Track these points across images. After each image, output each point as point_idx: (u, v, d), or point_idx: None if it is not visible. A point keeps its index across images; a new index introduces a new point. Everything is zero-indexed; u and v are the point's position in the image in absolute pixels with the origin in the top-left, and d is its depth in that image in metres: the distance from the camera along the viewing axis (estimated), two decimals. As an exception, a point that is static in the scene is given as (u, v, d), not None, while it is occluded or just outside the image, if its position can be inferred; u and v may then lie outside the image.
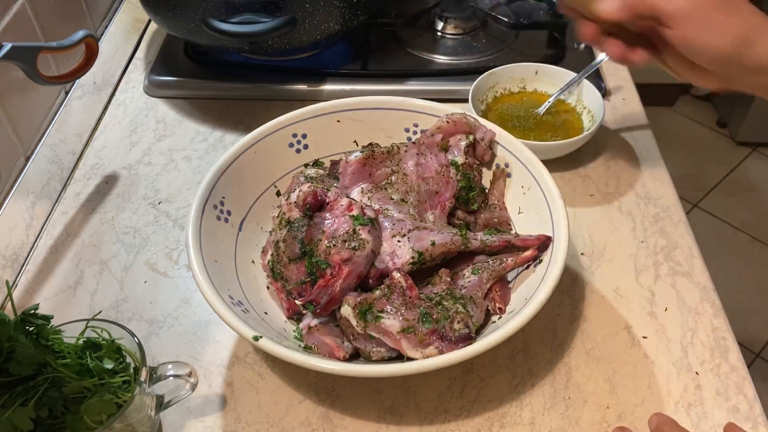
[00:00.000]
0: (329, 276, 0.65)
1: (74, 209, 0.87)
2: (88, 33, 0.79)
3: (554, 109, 0.94)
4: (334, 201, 0.70)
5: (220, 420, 0.66)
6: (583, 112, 0.93)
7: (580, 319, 0.74)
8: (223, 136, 0.97)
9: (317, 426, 0.66)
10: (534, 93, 0.96)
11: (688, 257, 0.79)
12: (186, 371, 0.61)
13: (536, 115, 0.92)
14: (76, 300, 0.77)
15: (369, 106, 0.81)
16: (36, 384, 0.54)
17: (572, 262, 0.79)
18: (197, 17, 0.89)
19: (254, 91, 1.02)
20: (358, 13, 0.95)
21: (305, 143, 0.80)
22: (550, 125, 0.91)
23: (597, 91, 0.91)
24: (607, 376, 0.69)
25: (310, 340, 0.66)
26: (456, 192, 0.76)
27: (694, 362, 0.70)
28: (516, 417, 0.66)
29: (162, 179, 0.91)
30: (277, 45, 0.93)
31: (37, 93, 0.87)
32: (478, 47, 1.08)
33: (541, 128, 0.91)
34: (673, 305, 0.75)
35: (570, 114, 0.93)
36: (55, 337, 0.57)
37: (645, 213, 0.84)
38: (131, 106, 1.02)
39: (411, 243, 0.68)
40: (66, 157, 0.92)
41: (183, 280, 0.79)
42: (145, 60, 1.10)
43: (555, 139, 0.89)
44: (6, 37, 0.78)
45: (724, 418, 0.65)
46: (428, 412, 0.66)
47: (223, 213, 0.73)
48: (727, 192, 2.23)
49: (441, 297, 0.65)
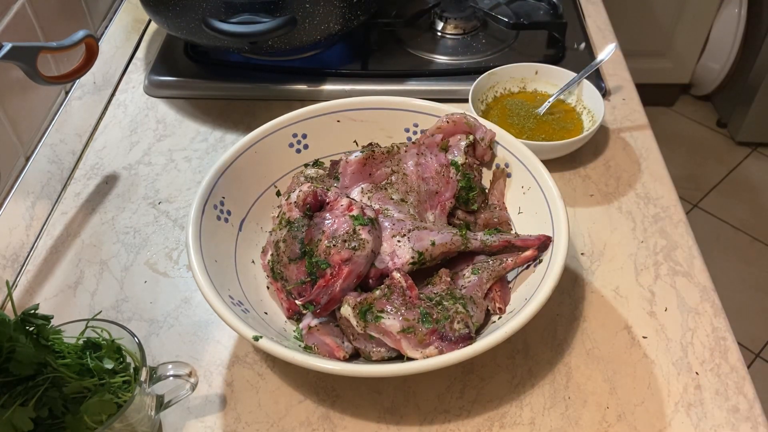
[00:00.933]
0: (329, 276, 0.65)
1: (74, 209, 0.87)
2: (88, 33, 0.79)
3: (554, 109, 0.94)
4: (334, 201, 0.70)
5: (220, 420, 0.66)
6: (583, 112, 0.93)
7: (580, 319, 0.74)
8: (223, 136, 0.97)
9: (317, 426, 0.66)
10: (534, 93, 0.96)
11: (688, 257, 0.79)
12: (186, 371, 0.61)
13: (536, 115, 0.92)
14: (76, 300, 0.77)
15: (369, 106, 0.81)
16: (36, 384, 0.54)
17: (572, 262, 0.79)
18: (197, 17, 0.89)
19: (254, 91, 1.02)
20: (358, 13, 0.95)
21: (305, 143, 0.80)
22: (550, 125, 0.91)
23: (597, 91, 0.91)
24: (607, 376, 0.69)
25: (310, 340, 0.66)
26: (456, 192, 0.76)
27: (694, 362, 0.70)
28: (516, 417, 0.66)
29: (162, 179, 0.91)
30: (277, 45, 0.93)
31: (37, 93, 0.87)
32: (478, 47, 1.08)
33: (541, 128, 0.91)
34: (673, 305, 0.75)
35: (570, 114, 0.93)
36: (55, 337, 0.57)
37: (645, 213, 0.84)
38: (131, 106, 1.02)
39: (411, 243, 0.68)
40: (66, 157, 0.92)
41: (183, 280, 0.79)
42: (145, 60, 1.10)
43: (555, 139, 0.89)
44: (6, 37, 0.78)
45: (724, 418, 0.65)
46: (428, 412, 0.66)
47: (223, 213, 0.73)
48: (727, 192, 2.23)
49: (441, 297, 0.65)
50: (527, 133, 0.90)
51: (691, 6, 2.14)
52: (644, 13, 2.16)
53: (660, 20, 2.18)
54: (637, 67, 1.30)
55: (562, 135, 0.90)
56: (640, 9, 2.15)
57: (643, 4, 2.14)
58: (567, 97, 0.95)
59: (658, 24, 2.19)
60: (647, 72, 2.27)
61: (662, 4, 2.14)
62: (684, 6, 2.14)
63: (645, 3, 2.14)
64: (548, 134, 0.90)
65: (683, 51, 2.28)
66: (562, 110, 0.94)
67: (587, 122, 0.92)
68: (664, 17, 2.18)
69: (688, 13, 2.15)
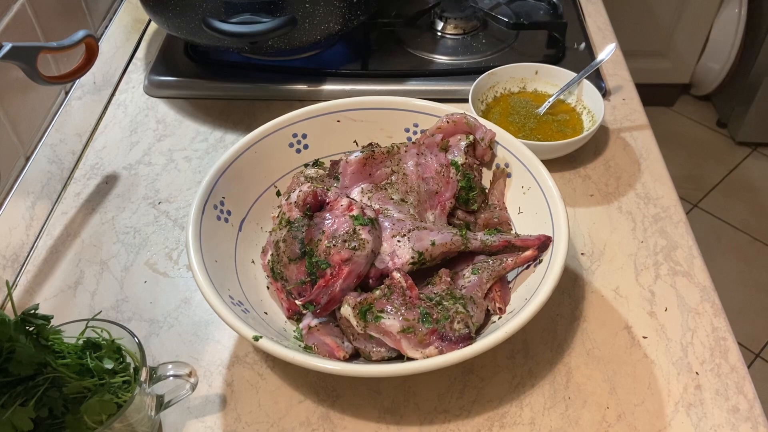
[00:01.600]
0: (329, 276, 0.65)
1: (74, 209, 0.87)
2: (88, 33, 0.79)
3: (554, 109, 0.94)
4: (334, 201, 0.70)
5: (220, 420, 0.66)
6: (583, 112, 0.93)
7: (580, 319, 0.74)
8: (223, 136, 0.97)
9: (317, 426, 0.66)
10: (534, 93, 0.96)
11: (688, 257, 0.79)
12: (186, 371, 0.61)
13: (536, 115, 0.92)
14: (76, 300, 0.77)
15: (369, 106, 0.81)
16: (36, 384, 0.54)
17: (572, 262, 0.79)
18: (197, 17, 0.89)
19: (254, 91, 1.02)
20: (358, 13, 0.95)
21: (305, 143, 0.80)
22: (550, 125, 0.91)
23: (597, 91, 0.91)
24: (607, 376, 0.69)
25: (310, 340, 0.66)
26: (456, 192, 0.76)
27: (694, 362, 0.70)
28: (516, 417, 0.66)
29: (162, 179, 0.91)
30: (277, 45, 0.93)
31: (37, 93, 0.87)
32: (478, 47, 1.08)
33: (542, 128, 0.91)
34: (673, 305, 0.75)
35: (570, 114, 0.93)
36: (55, 337, 0.57)
37: (645, 213, 0.84)
38: (131, 106, 1.02)
39: (411, 243, 0.68)
40: (66, 157, 0.92)
41: (183, 280, 0.79)
42: (145, 60, 1.10)
43: (555, 139, 0.89)
44: (6, 37, 0.78)
45: (724, 418, 0.65)
46: (428, 412, 0.66)
47: (223, 213, 0.73)
48: (727, 192, 2.23)
49: (441, 297, 0.65)
50: (527, 133, 0.90)
51: (691, 6, 2.14)
52: (644, 13, 2.16)
53: (660, 20, 2.18)
54: (637, 67, 1.30)
55: (563, 135, 0.90)
56: (640, 9, 2.15)
57: (643, 4, 2.14)
58: (567, 97, 0.95)
59: (658, 24, 2.19)
60: (647, 72, 2.27)
61: (662, 4, 2.14)
62: (684, 6, 2.14)
63: (645, 3, 2.14)
64: (548, 134, 0.90)
65: (683, 51, 2.28)
66: (562, 110, 0.94)
67: (587, 122, 0.92)
68: (664, 17, 2.18)
69: (688, 13, 2.15)
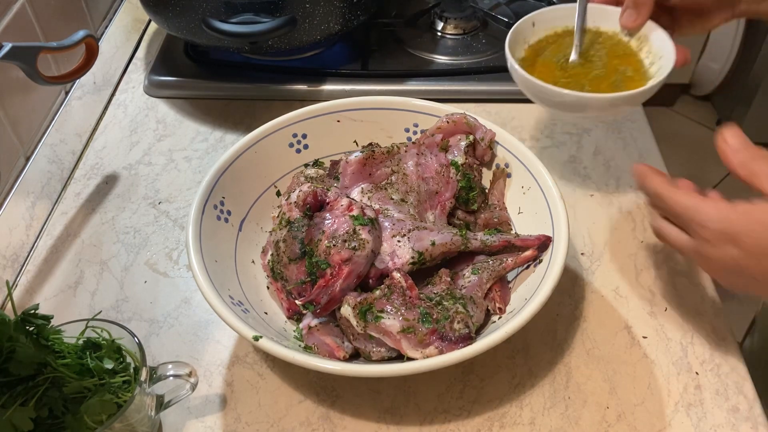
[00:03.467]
0: (329, 276, 0.65)
1: (74, 209, 0.87)
2: (88, 33, 0.79)
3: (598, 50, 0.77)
4: (334, 201, 0.70)
5: (220, 420, 0.66)
6: (642, 49, 0.76)
7: (580, 319, 0.74)
8: (223, 136, 0.97)
9: (317, 426, 0.66)
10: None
11: (688, 257, 0.79)
12: (186, 371, 0.61)
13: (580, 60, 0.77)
14: (76, 300, 0.77)
15: (369, 106, 0.81)
16: (36, 384, 0.54)
17: (572, 262, 0.79)
18: (197, 17, 0.89)
19: (254, 91, 1.02)
20: (358, 13, 0.95)
21: (305, 143, 0.80)
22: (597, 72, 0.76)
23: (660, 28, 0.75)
24: (607, 376, 0.69)
25: (310, 340, 0.66)
26: (456, 192, 0.76)
27: (694, 362, 0.70)
28: (516, 417, 0.66)
29: (162, 179, 0.91)
30: (277, 45, 0.93)
31: (37, 93, 0.87)
32: (478, 47, 1.07)
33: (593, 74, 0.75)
34: (673, 305, 0.75)
35: (628, 59, 0.77)
36: (55, 337, 0.57)
37: (645, 213, 0.84)
38: (131, 106, 1.02)
39: (411, 243, 0.68)
40: (66, 157, 0.92)
41: (183, 280, 0.79)
42: (145, 60, 1.10)
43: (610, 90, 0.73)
44: (6, 37, 0.78)
45: (724, 418, 0.65)
46: (428, 412, 0.66)
47: (223, 213, 0.73)
48: (727, 192, 2.21)
49: (441, 297, 0.65)
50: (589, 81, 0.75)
51: (691, 6, 2.13)
52: (644, 13, 2.16)
53: (660, 20, 2.18)
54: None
55: (625, 83, 0.74)
56: (640, 9, 2.14)
57: (643, 4, 2.13)
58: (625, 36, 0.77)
59: (658, 24, 2.19)
60: (647, 72, 2.27)
61: (662, 4, 2.14)
62: (684, 6, 2.14)
63: (645, 3, 2.13)
64: (601, 82, 0.75)
65: (683, 51, 2.28)
66: (616, 53, 0.77)
67: (649, 66, 0.75)
68: (664, 17, 2.17)
69: (688, 13, 2.15)
